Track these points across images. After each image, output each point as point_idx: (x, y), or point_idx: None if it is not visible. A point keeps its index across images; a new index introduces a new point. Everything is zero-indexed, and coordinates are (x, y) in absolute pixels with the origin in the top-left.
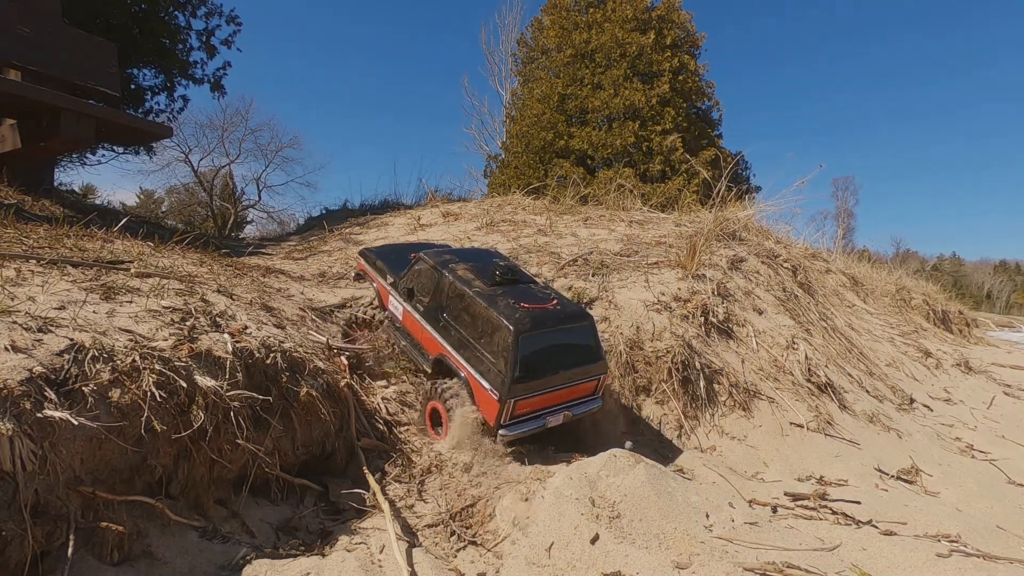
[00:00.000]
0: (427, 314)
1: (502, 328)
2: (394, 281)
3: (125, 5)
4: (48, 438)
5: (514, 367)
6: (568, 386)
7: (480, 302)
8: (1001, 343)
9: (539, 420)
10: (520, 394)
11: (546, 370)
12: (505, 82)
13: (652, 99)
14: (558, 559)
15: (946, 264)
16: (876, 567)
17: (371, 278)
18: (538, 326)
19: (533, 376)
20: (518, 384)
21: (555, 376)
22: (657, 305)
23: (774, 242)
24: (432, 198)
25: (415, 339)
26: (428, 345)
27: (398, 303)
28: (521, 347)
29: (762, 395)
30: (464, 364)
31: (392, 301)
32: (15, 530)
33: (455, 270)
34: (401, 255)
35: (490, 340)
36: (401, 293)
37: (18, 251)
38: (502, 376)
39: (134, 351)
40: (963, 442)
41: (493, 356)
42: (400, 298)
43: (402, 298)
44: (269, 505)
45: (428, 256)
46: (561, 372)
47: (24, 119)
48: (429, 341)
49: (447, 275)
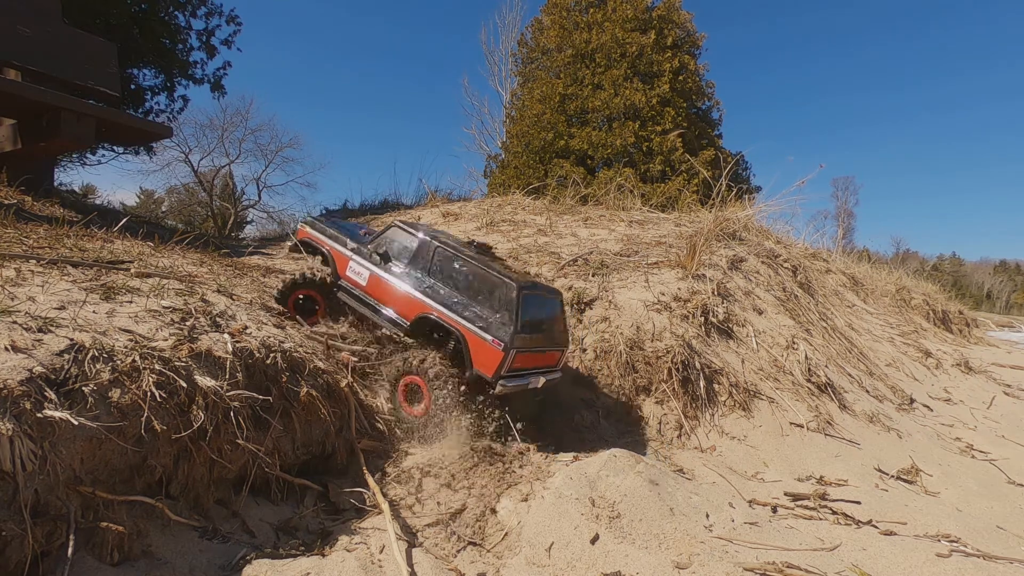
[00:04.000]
0: (406, 277)
1: (504, 285)
2: (357, 247)
3: (125, 5)
4: (48, 438)
5: (517, 319)
6: (545, 351)
7: (477, 264)
8: (1001, 343)
9: (526, 378)
10: (519, 346)
11: (536, 330)
12: (505, 82)
13: (652, 99)
14: (558, 559)
15: (946, 264)
16: (876, 567)
17: (321, 245)
18: (532, 288)
19: (528, 331)
20: (519, 336)
21: (540, 337)
22: (657, 305)
23: (774, 242)
24: (432, 198)
25: (385, 303)
26: (406, 308)
27: (364, 268)
28: (522, 302)
29: (762, 395)
30: (460, 321)
31: (354, 267)
32: (15, 530)
33: (439, 237)
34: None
35: (489, 297)
36: (369, 258)
37: (18, 251)
38: (506, 327)
39: (134, 351)
40: (963, 442)
41: (494, 311)
42: (369, 263)
43: (374, 263)
44: (269, 505)
45: (408, 224)
46: (543, 335)
47: (24, 119)
48: (409, 303)
49: (434, 241)
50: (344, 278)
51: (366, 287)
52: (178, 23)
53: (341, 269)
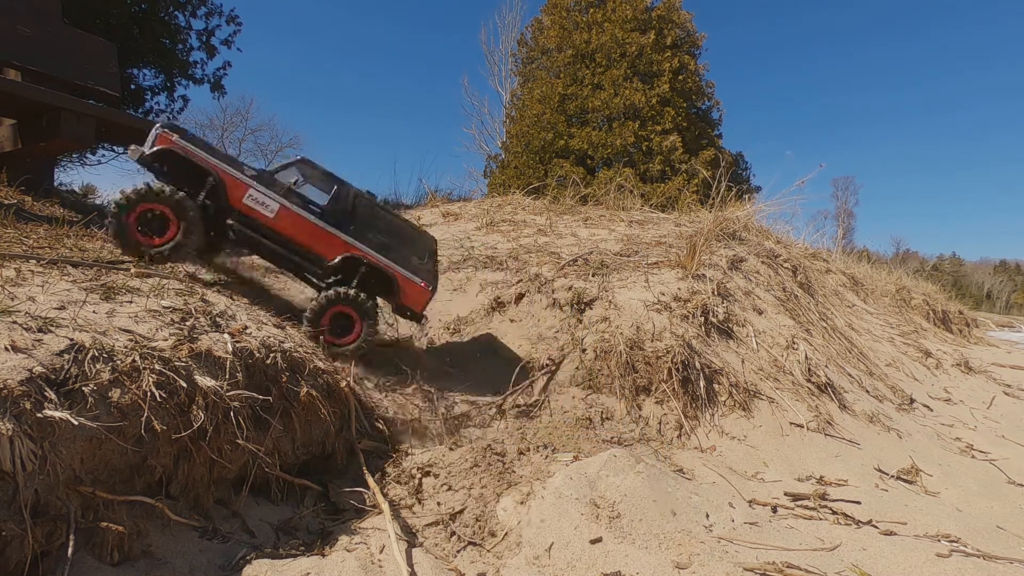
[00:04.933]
0: (327, 218)
1: (427, 238)
2: (259, 175)
3: (125, 5)
4: (48, 438)
5: (436, 265)
6: None
7: (400, 219)
8: (1001, 343)
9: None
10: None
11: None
12: (505, 82)
13: (652, 99)
14: (558, 559)
15: (946, 264)
16: (876, 567)
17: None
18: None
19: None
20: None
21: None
22: (657, 305)
23: (774, 242)
24: (432, 198)
25: (299, 241)
26: (327, 247)
27: (271, 200)
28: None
29: (762, 395)
30: (391, 264)
31: (256, 196)
32: (15, 530)
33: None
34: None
35: (415, 246)
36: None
37: (18, 251)
38: (431, 272)
39: (134, 351)
40: (963, 442)
41: (419, 258)
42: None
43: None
44: (269, 505)
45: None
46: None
47: (24, 119)
48: (331, 243)
49: (353, 189)
50: (239, 207)
51: (273, 220)
52: (178, 23)
53: (236, 196)
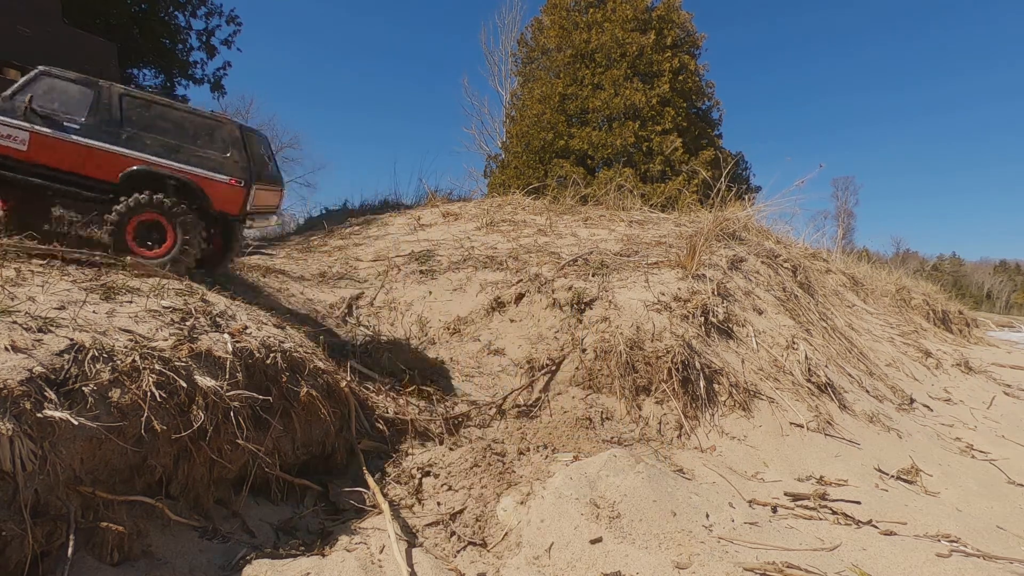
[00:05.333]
0: (90, 132)
1: (224, 124)
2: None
3: (125, 5)
4: (48, 438)
5: (248, 155)
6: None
7: (181, 108)
8: (1001, 343)
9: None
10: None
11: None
12: (505, 82)
13: (652, 99)
14: (558, 559)
15: (946, 264)
16: (876, 567)
17: None
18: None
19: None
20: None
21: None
22: (657, 305)
23: (774, 242)
24: (432, 198)
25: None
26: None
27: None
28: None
29: (762, 395)
30: (184, 167)
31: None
32: (15, 530)
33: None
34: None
35: (210, 139)
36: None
37: (18, 251)
38: (241, 164)
39: (134, 351)
40: (963, 442)
41: (222, 152)
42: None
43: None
44: (269, 505)
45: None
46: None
47: None
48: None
49: (116, 87)
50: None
51: (29, 152)
52: (178, 23)
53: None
